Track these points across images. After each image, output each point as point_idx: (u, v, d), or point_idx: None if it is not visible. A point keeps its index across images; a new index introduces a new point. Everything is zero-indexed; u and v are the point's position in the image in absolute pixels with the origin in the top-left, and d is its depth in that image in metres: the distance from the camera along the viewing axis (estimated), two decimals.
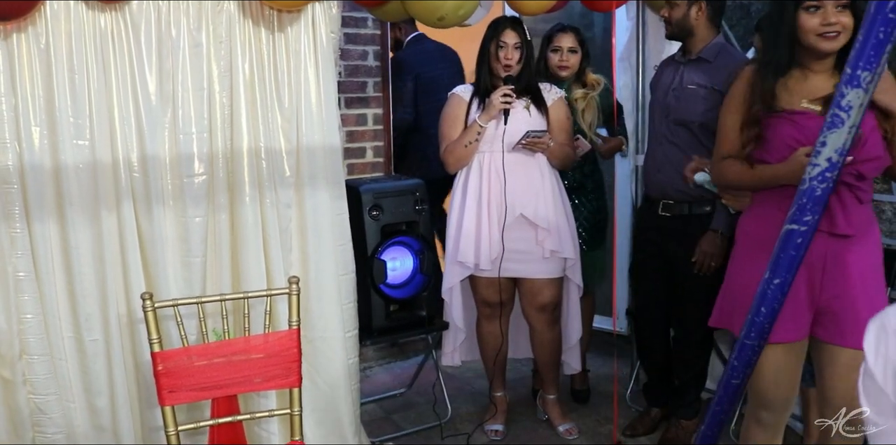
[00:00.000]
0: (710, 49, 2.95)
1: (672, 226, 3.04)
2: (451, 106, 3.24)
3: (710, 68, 2.92)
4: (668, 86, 3.03)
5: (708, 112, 2.88)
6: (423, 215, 3.42)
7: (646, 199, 3.23)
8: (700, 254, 2.96)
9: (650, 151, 3.11)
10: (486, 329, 3.39)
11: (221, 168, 2.63)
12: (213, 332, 2.23)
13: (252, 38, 2.62)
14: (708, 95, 2.90)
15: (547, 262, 3.20)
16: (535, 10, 3.11)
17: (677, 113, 2.97)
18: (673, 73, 3.03)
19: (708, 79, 2.91)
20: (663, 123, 3.02)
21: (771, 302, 1.44)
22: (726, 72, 2.86)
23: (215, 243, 2.66)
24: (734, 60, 2.95)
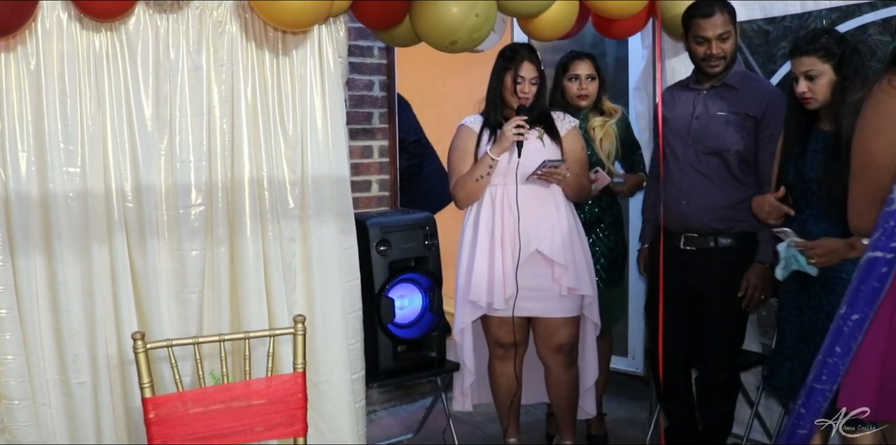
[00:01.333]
0: (734, 76, 2.84)
1: (696, 261, 2.88)
2: (461, 138, 3.10)
3: (737, 95, 2.80)
4: (690, 115, 2.89)
5: (743, 140, 2.78)
6: (433, 251, 3.26)
7: (665, 232, 3.05)
8: (749, 288, 2.80)
9: (671, 181, 2.95)
10: (500, 371, 3.19)
11: (221, 198, 2.47)
12: (211, 376, 2.04)
13: (255, 62, 2.49)
14: (741, 122, 2.77)
15: (563, 300, 3.02)
16: (549, 36, 3.00)
17: (708, 141, 2.83)
18: (692, 100, 2.90)
19: (737, 105, 2.78)
20: (689, 153, 2.87)
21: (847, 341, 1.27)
22: (757, 97, 2.78)
23: (213, 279, 2.49)
24: (762, 86, 2.84)
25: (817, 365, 1.33)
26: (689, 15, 2.80)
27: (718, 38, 2.74)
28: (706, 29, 2.75)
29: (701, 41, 2.78)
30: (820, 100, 2.38)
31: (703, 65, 2.82)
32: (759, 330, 3.39)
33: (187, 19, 2.38)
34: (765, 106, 2.77)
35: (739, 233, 2.85)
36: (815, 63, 2.35)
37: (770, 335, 3.30)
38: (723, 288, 2.82)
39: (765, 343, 3.35)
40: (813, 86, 2.37)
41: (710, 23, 2.74)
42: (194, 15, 2.38)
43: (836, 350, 1.28)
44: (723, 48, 2.76)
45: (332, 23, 2.57)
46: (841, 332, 1.27)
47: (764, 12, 3.01)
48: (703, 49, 2.78)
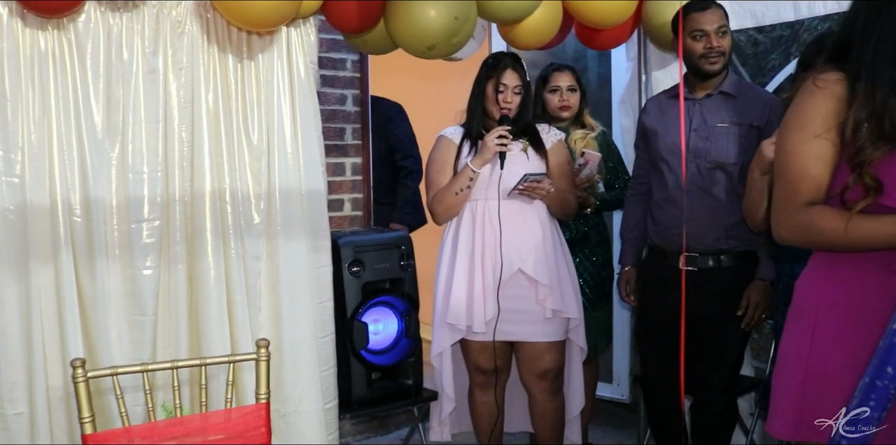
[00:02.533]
0: (730, 83, 2.68)
1: (695, 282, 2.69)
2: (440, 149, 2.93)
3: (737, 104, 2.65)
4: (688, 127, 2.71)
5: (746, 152, 2.59)
6: (409, 272, 3.06)
7: (656, 252, 2.89)
8: (750, 307, 2.64)
9: (669, 200, 2.76)
10: (480, 399, 2.99)
11: (178, 213, 2.27)
12: (163, 408, 1.83)
13: (217, 65, 2.31)
14: (745, 133, 2.62)
15: (548, 323, 2.84)
16: (531, 44, 2.86)
17: (710, 156, 2.66)
18: (686, 111, 2.72)
19: (738, 115, 2.63)
20: (690, 168, 2.69)
21: None
22: (758, 106, 2.63)
23: (169, 300, 2.28)
24: (762, 93, 2.71)
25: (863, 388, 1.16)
26: (684, 13, 2.63)
27: (717, 31, 2.60)
28: (704, 22, 2.60)
29: (699, 36, 2.61)
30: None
31: (702, 62, 2.64)
32: (752, 352, 3.23)
33: (143, 18, 2.20)
34: (767, 115, 2.62)
35: (742, 252, 2.70)
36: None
37: (763, 358, 3.15)
38: (724, 309, 2.66)
39: (758, 366, 3.20)
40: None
41: (707, 16, 2.60)
42: (151, 13, 2.20)
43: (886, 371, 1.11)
44: (722, 43, 2.61)
45: (302, 24, 2.40)
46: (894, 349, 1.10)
47: (755, 21, 2.89)
48: (703, 44, 2.61)
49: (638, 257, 3.00)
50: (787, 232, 1.54)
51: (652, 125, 2.82)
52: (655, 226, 2.85)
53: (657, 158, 2.81)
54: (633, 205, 2.99)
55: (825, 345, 1.45)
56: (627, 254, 3.01)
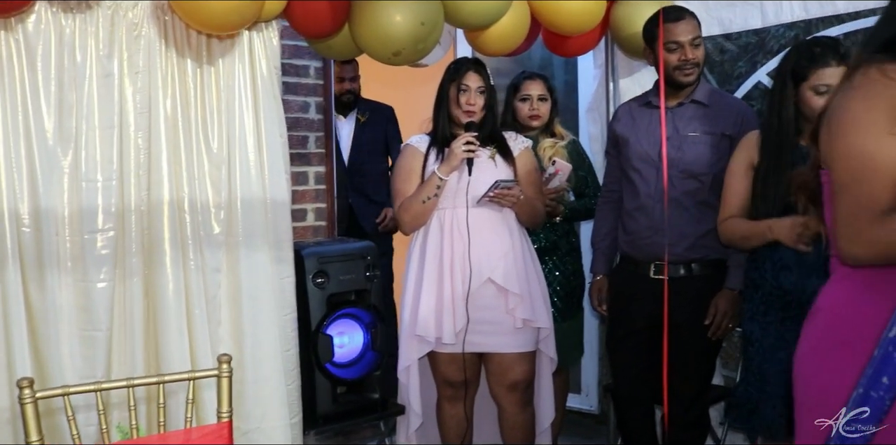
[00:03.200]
0: (702, 92, 2.65)
1: (669, 290, 2.66)
2: (406, 158, 2.86)
3: (709, 113, 2.62)
4: (657, 135, 2.68)
5: (720, 162, 2.58)
6: (375, 283, 2.98)
7: (627, 261, 2.85)
8: (717, 315, 2.61)
9: (640, 209, 2.73)
10: (449, 412, 2.92)
11: (134, 223, 2.18)
12: (118, 429, 1.73)
13: (176, 70, 2.22)
14: (717, 142, 2.60)
15: (518, 334, 2.78)
16: (498, 51, 2.82)
17: (681, 164, 2.63)
18: (657, 119, 2.67)
19: (711, 124, 2.60)
20: (661, 178, 2.65)
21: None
22: (731, 115, 2.61)
23: (124, 314, 2.18)
24: (734, 102, 2.69)
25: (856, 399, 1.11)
26: (656, 23, 2.60)
27: (691, 43, 2.57)
28: (678, 34, 2.56)
29: (673, 47, 2.57)
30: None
31: (676, 74, 2.60)
32: (721, 361, 3.21)
33: (97, 20, 2.10)
34: (740, 124, 2.60)
35: (712, 261, 2.68)
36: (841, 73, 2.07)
37: (732, 367, 3.12)
38: (695, 318, 2.62)
39: (727, 375, 3.18)
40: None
41: (681, 27, 2.57)
42: (105, 15, 2.11)
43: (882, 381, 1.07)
44: (696, 54, 2.58)
45: (264, 28, 2.32)
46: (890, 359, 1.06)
47: (722, 28, 2.89)
48: (677, 56, 2.58)
49: (610, 266, 2.96)
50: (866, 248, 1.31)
51: (623, 133, 2.79)
52: (626, 236, 2.81)
53: (628, 167, 2.77)
54: (605, 213, 2.95)
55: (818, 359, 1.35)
56: (599, 263, 2.97)
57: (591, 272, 3.02)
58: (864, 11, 2.58)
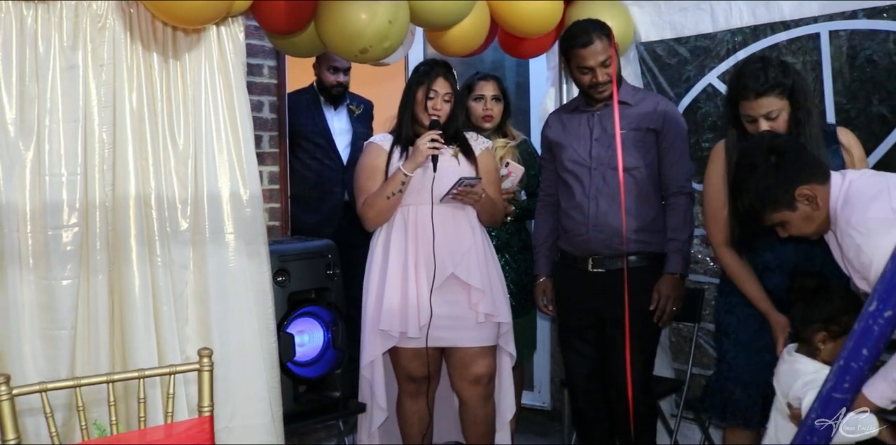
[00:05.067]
0: (624, 92, 2.76)
1: (605, 283, 2.75)
2: (369, 156, 2.88)
3: (632, 111, 2.74)
4: (588, 138, 2.79)
5: (647, 154, 2.73)
6: (336, 281, 2.98)
7: (567, 258, 2.92)
8: (661, 299, 2.69)
9: (575, 208, 2.81)
10: (411, 408, 2.94)
11: (99, 219, 2.12)
12: (96, 426, 1.69)
13: (142, 63, 2.18)
14: (642, 138, 2.72)
15: (480, 328, 2.82)
16: (459, 51, 2.85)
17: (612, 161, 2.72)
18: (586, 123, 2.81)
19: (635, 121, 2.73)
20: (594, 176, 2.76)
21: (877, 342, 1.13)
22: (652, 110, 2.75)
23: (89, 312, 2.12)
24: (654, 98, 2.82)
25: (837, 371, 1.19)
26: (569, 45, 2.70)
27: (601, 65, 2.67)
28: (587, 58, 2.66)
29: (585, 71, 2.69)
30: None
31: (591, 92, 2.75)
32: (671, 355, 3.31)
33: (60, 10, 2.05)
34: (662, 117, 2.73)
35: (649, 253, 2.76)
36: (773, 103, 2.22)
37: (682, 360, 3.23)
38: (633, 310, 2.67)
39: (678, 368, 3.28)
40: (775, 124, 2.24)
41: (590, 52, 2.66)
42: (69, 6, 2.06)
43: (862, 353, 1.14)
44: (607, 73, 2.68)
45: (231, 23, 2.30)
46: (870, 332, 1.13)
47: (674, 32, 2.99)
48: (589, 77, 2.70)
49: (551, 267, 3.01)
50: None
51: (556, 139, 2.89)
52: (564, 234, 2.90)
53: (562, 170, 2.87)
54: (544, 216, 3.01)
55: None
56: (542, 265, 3.02)
57: (535, 274, 3.06)
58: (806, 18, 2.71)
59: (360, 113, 3.95)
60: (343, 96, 3.87)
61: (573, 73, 2.77)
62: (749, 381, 2.43)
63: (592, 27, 2.68)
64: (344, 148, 3.87)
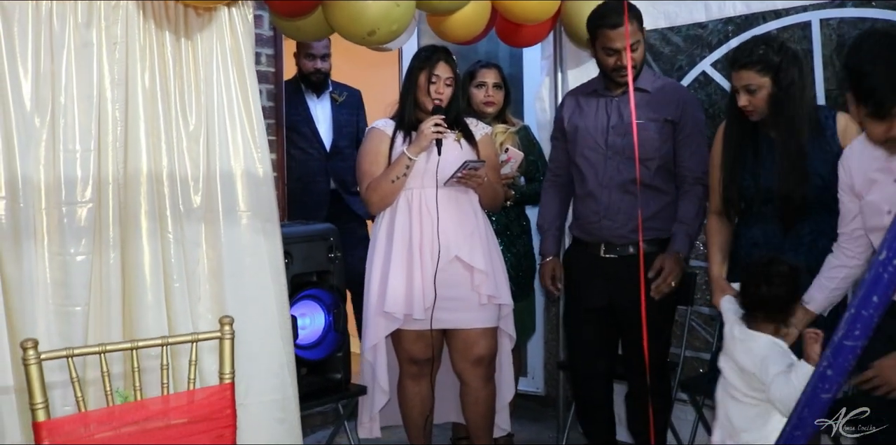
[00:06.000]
0: (645, 79, 2.78)
1: (618, 269, 2.78)
2: (372, 141, 2.92)
3: (652, 99, 2.74)
4: (605, 125, 2.79)
5: (664, 146, 2.73)
6: (337, 264, 3.01)
7: (578, 243, 2.97)
8: (662, 270, 2.69)
9: (588, 195, 2.82)
10: (413, 390, 2.97)
11: (112, 195, 2.14)
12: (118, 394, 1.71)
13: (154, 43, 2.20)
14: (660, 128, 2.72)
15: (483, 310, 2.87)
16: (461, 37, 2.91)
17: (628, 151, 2.71)
18: (604, 108, 2.80)
19: (654, 111, 2.72)
20: (609, 166, 2.77)
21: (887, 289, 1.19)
22: (672, 100, 2.75)
23: (102, 289, 2.13)
24: (674, 87, 2.84)
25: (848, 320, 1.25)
26: (597, 24, 2.68)
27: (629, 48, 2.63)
28: (615, 40, 2.64)
29: (611, 52, 2.67)
30: (760, 112, 2.37)
31: (613, 75, 2.73)
32: None
33: None
34: (681, 108, 2.74)
35: (659, 240, 2.80)
36: (753, 77, 2.31)
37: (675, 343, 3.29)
38: (647, 294, 2.67)
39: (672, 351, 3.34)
40: (753, 99, 2.33)
41: (618, 33, 2.63)
42: None
43: (872, 300, 1.20)
44: (633, 58, 2.66)
45: (241, 5, 2.33)
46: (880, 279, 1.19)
47: (668, 21, 3.07)
48: (613, 60, 2.68)
49: (559, 247, 3.06)
50: None
51: (571, 121, 2.88)
52: (576, 220, 2.93)
53: (576, 154, 2.87)
54: (551, 197, 3.02)
55: None
56: (549, 245, 3.03)
57: (541, 254, 3.06)
58: (797, 7, 2.80)
59: (342, 101, 3.99)
60: (324, 83, 3.91)
61: (597, 54, 2.73)
62: None
63: (622, 10, 2.63)
64: (326, 136, 3.91)
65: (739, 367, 2.17)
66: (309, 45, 3.76)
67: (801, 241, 2.39)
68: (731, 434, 2.20)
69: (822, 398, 1.32)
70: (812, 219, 2.38)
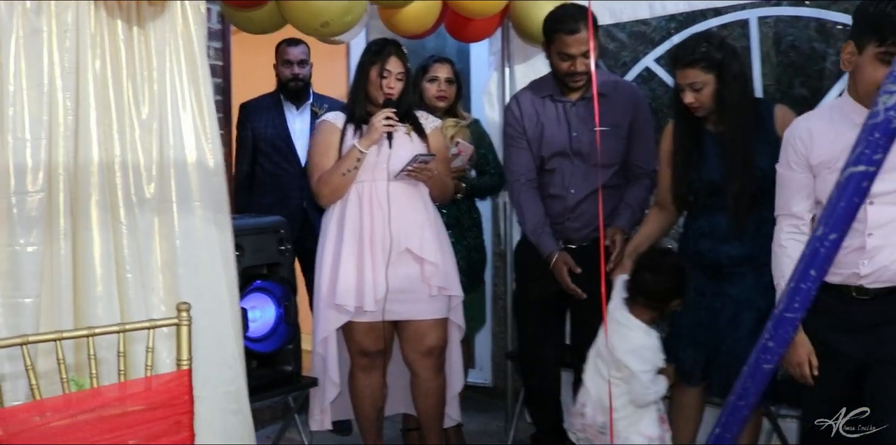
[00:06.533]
0: (600, 83, 2.73)
1: (574, 258, 2.84)
2: (323, 133, 2.93)
3: (608, 103, 2.76)
4: (566, 132, 2.84)
5: (623, 148, 2.82)
6: (287, 256, 3.02)
7: None
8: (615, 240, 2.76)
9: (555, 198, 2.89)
10: (364, 382, 2.99)
11: (63, 184, 2.11)
12: (73, 382, 1.70)
13: (105, 31, 2.17)
14: (619, 133, 2.80)
15: (433, 301, 2.91)
16: (412, 30, 2.95)
17: (591, 158, 2.78)
18: (563, 114, 2.84)
19: (611, 115, 2.75)
20: (576, 171, 2.84)
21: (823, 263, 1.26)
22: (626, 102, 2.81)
23: (53, 280, 2.09)
24: (627, 88, 2.88)
25: (789, 293, 1.32)
26: (554, 28, 2.69)
27: (583, 54, 2.67)
28: (571, 45, 2.66)
29: (566, 58, 2.70)
30: (706, 108, 2.45)
31: (566, 80, 2.77)
32: None
33: None
34: (634, 109, 2.80)
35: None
36: (698, 75, 2.39)
37: None
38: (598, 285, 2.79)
39: None
40: (699, 96, 2.41)
41: (574, 39, 2.65)
42: None
43: (810, 274, 1.28)
44: (587, 64, 2.68)
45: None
46: (817, 254, 1.27)
47: (614, 18, 3.15)
48: (567, 65, 2.71)
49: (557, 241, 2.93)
50: None
51: (532, 124, 2.88)
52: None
53: (540, 158, 2.91)
54: (530, 202, 2.94)
55: None
56: (547, 243, 2.89)
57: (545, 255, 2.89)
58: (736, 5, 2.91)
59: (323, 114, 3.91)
60: (304, 92, 3.77)
61: (552, 58, 2.75)
62: (689, 342, 2.60)
63: (581, 15, 2.64)
64: (303, 151, 3.73)
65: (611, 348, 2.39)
66: (285, 50, 3.68)
67: (745, 230, 2.49)
68: (601, 409, 2.44)
69: (764, 368, 1.39)
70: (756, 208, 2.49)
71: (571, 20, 2.65)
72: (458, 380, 3.11)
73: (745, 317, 2.50)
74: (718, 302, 2.55)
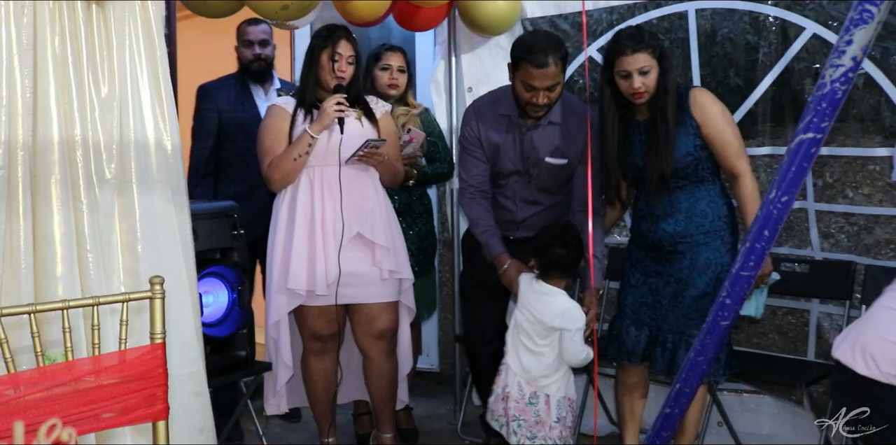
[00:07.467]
0: (555, 111, 2.81)
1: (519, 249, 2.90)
2: (273, 118, 2.94)
3: (561, 130, 2.84)
4: (520, 155, 2.88)
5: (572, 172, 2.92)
6: (241, 241, 3.02)
7: None
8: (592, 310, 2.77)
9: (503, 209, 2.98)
10: (317, 367, 3.02)
11: (22, 162, 2.08)
12: (46, 357, 1.69)
13: (64, 7, 2.16)
14: (571, 160, 2.88)
15: (385, 285, 2.95)
16: (365, 18, 2.99)
17: (540, 181, 2.92)
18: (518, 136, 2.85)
19: (564, 143, 2.84)
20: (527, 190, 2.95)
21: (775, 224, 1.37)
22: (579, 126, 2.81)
23: (12, 258, 2.07)
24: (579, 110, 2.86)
25: (744, 253, 1.43)
26: (522, 57, 2.64)
27: (548, 88, 2.66)
28: (536, 78, 2.63)
29: (529, 88, 2.67)
30: (650, 93, 2.57)
31: (527, 108, 2.76)
32: None
33: None
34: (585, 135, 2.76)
35: None
36: (647, 59, 2.52)
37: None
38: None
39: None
40: (646, 80, 2.53)
41: (541, 73, 2.62)
42: None
43: (763, 234, 1.39)
44: (549, 97, 2.69)
45: None
46: (770, 216, 1.38)
47: (558, 9, 3.27)
48: (530, 95, 2.69)
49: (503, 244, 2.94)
50: None
51: (489, 138, 2.89)
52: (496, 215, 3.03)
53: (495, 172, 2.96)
54: (480, 209, 2.97)
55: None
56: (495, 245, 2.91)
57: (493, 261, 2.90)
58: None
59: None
60: (266, 73, 3.64)
61: (515, 82, 2.72)
62: (630, 322, 2.73)
63: (553, 49, 2.62)
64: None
65: (535, 318, 2.61)
66: (246, 30, 3.54)
67: (678, 209, 2.65)
68: (529, 380, 2.65)
69: (722, 325, 1.50)
70: (686, 188, 2.64)
71: (541, 53, 2.60)
72: (406, 362, 3.15)
73: (685, 295, 2.65)
74: (661, 281, 2.69)
